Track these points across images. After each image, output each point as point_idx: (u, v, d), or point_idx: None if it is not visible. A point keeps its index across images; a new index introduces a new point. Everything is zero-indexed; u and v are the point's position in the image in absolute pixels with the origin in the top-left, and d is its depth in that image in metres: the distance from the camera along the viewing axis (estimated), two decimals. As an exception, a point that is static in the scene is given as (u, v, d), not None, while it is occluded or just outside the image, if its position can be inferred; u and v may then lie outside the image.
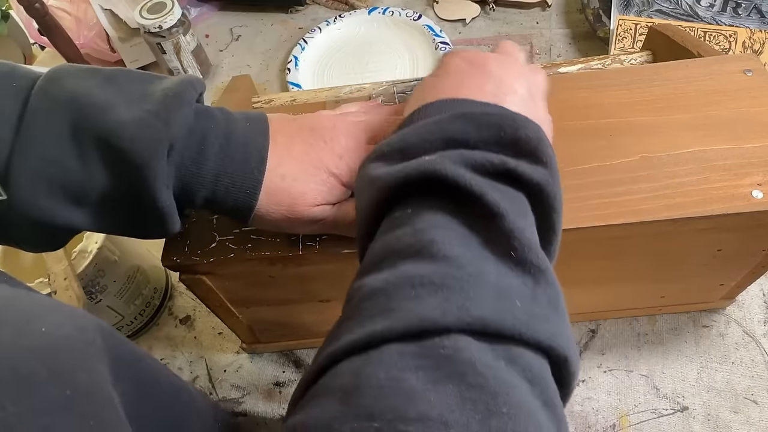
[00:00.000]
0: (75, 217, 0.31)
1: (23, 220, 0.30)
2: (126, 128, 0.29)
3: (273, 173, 0.34)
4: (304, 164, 0.34)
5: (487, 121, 0.28)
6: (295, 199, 0.34)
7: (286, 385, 0.56)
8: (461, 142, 0.28)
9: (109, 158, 0.30)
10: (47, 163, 0.29)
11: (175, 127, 0.30)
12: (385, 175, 0.27)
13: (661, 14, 0.74)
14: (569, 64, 0.51)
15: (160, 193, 0.31)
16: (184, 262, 0.40)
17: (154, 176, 0.30)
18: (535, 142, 0.27)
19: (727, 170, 0.39)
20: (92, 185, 0.30)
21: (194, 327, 0.61)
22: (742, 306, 0.55)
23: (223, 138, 0.33)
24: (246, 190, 0.33)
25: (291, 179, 0.34)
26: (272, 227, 0.36)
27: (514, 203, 0.26)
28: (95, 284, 0.52)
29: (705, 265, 0.46)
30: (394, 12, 0.85)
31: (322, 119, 0.37)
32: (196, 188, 0.32)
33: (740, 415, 0.50)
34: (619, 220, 0.38)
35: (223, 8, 0.94)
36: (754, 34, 0.70)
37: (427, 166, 0.26)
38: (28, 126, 0.29)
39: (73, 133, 0.30)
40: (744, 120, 0.41)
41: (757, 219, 0.38)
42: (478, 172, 0.26)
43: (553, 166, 0.28)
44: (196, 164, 0.32)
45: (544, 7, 0.85)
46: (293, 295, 0.47)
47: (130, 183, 0.30)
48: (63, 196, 0.30)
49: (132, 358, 0.30)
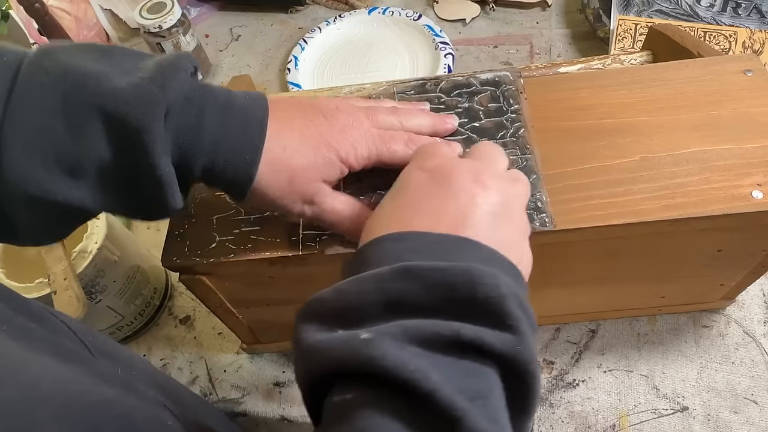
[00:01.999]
0: (73, 192, 0.30)
1: (21, 199, 0.29)
2: (122, 93, 0.29)
3: (273, 144, 0.33)
4: (304, 137, 0.34)
5: (435, 279, 0.24)
6: (294, 171, 0.33)
7: (286, 385, 0.56)
8: (407, 306, 0.24)
9: (105, 125, 0.29)
10: (40, 133, 0.28)
11: (171, 91, 0.30)
12: (319, 350, 0.24)
13: (661, 14, 0.74)
14: (569, 64, 0.51)
15: (158, 160, 0.30)
16: (184, 262, 0.40)
17: (152, 141, 0.29)
18: (497, 302, 0.24)
19: (727, 170, 0.39)
20: (88, 156, 0.29)
21: (194, 327, 0.61)
22: (742, 306, 0.55)
23: (222, 108, 0.32)
24: (245, 158, 0.32)
25: (292, 151, 0.33)
26: (269, 206, 0.35)
27: (475, 387, 0.22)
28: (95, 284, 0.52)
29: (705, 266, 0.46)
30: (394, 12, 0.85)
31: (324, 99, 0.37)
32: (194, 156, 0.31)
33: (740, 415, 0.50)
34: (619, 220, 0.38)
35: (223, 8, 0.94)
36: (754, 34, 0.70)
37: (363, 354, 0.22)
38: (19, 97, 0.28)
39: (67, 102, 0.29)
40: (744, 120, 0.41)
41: (757, 219, 0.38)
42: (427, 348, 0.22)
43: (522, 328, 0.24)
44: (194, 131, 0.31)
45: (544, 7, 0.85)
46: (293, 295, 0.47)
47: (127, 150, 0.30)
48: (59, 169, 0.29)
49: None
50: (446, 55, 0.77)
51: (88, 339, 0.31)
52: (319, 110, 0.35)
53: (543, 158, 0.41)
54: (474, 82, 0.46)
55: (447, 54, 0.78)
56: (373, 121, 0.37)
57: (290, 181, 0.34)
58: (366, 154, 0.36)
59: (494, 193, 0.30)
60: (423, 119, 0.41)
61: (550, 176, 0.40)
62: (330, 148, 0.34)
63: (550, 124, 0.43)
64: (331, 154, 0.34)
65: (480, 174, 0.30)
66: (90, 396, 0.24)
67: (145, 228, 0.69)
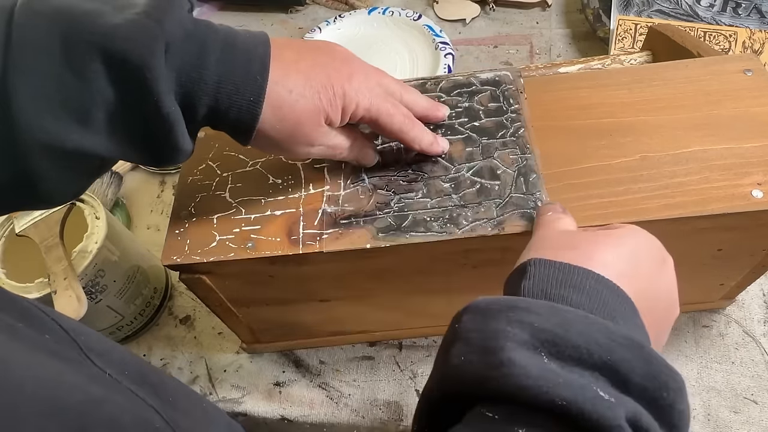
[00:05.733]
0: (84, 139, 0.30)
1: (34, 150, 0.29)
2: (119, 30, 0.29)
3: (279, 86, 0.33)
4: (310, 80, 0.34)
5: (655, 371, 0.24)
6: (300, 117, 0.33)
7: (286, 385, 0.56)
8: (618, 378, 0.23)
9: (105, 65, 0.29)
10: (45, 80, 0.28)
11: (168, 25, 0.30)
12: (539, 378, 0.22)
13: (661, 14, 0.74)
14: (569, 64, 0.51)
15: (163, 97, 0.30)
16: (184, 261, 0.40)
17: (155, 79, 0.29)
18: (688, 420, 0.24)
19: (727, 170, 0.39)
20: (94, 99, 0.29)
21: (194, 327, 0.61)
22: (742, 306, 0.55)
23: (224, 45, 0.32)
24: (249, 98, 0.32)
25: (297, 95, 0.33)
26: (273, 148, 0.35)
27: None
28: (95, 284, 0.52)
29: (705, 265, 0.46)
30: (394, 12, 0.85)
31: (337, 45, 0.37)
32: (198, 96, 0.31)
33: (740, 415, 0.50)
34: (619, 219, 0.38)
35: (223, 8, 0.94)
36: (754, 34, 0.70)
37: (605, 415, 0.21)
38: (18, 43, 0.28)
39: (66, 44, 0.28)
40: (744, 120, 0.41)
41: (757, 219, 0.38)
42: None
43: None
44: (196, 70, 0.31)
45: (544, 7, 0.85)
46: (293, 294, 0.47)
47: (130, 90, 0.29)
48: (67, 115, 0.29)
49: None
50: (446, 55, 0.77)
51: (81, 338, 0.31)
52: (328, 53, 0.35)
53: (543, 158, 0.41)
54: (474, 82, 0.46)
55: (447, 54, 0.78)
56: (379, 79, 0.37)
57: (296, 127, 0.33)
58: (367, 106, 0.36)
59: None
60: (420, 97, 0.41)
61: (550, 175, 0.40)
62: (336, 92, 0.34)
63: (550, 124, 0.43)
64: (336, 98, 0.34)
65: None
66: (76, 395, 0.24)
67: (145, 228, 0.69)
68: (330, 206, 0.41)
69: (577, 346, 0.24)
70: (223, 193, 0.43)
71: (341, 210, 0.41)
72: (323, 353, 0.57)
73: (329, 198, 0.42)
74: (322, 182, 0.43)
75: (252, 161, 0.45)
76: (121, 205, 0.69)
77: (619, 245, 0.30)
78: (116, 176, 0.68)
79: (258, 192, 0.43)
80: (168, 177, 0.72)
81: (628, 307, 0.28)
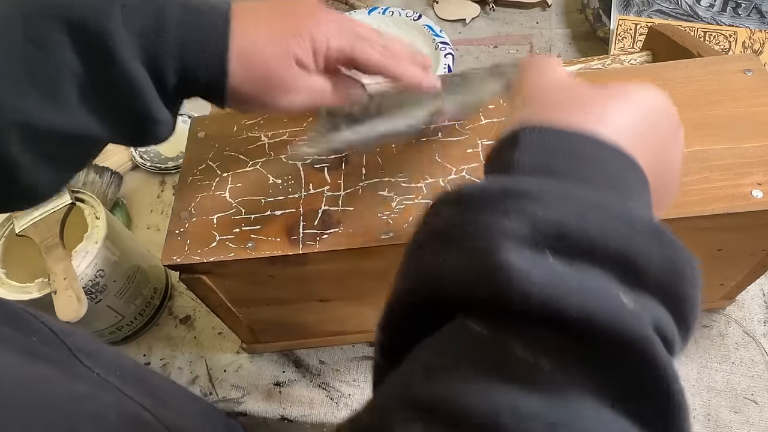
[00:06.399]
0: (56, 116, 0.30)
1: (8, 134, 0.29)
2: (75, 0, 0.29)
3: (244, 39, 0.32)
4: (274, 30, 0.33)
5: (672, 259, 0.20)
6: (268, 61, 0.33)
7: (286, 385, 0.56)
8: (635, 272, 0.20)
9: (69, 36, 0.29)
10: (8, 58, 0.28)
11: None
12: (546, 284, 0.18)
13: (661, 14, 0.74)
14: (569, 64, 0.51)
15: (128, 63, 0.29)
16: (184, 261, 0.40)
17: (117, 44, 0.29)
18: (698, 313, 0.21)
19: (727, 169, 0.39)
20: (60, 70, 0.29)
21: (194, 327, 0.61)
22: (742, 306, 0.55)
23: (184, 5, 0.32)
24: (214, 52, 0.32)
25: (263, 44, 0.33)
26: (254, 105, 0.35)
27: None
28: (95, 284, 0.52)
29: (705, 265, 0.45)
30: (394, 12, 0.85)
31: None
32: (163, 58, 0.31)
33: (740, 415, 0.50)
34: (619, 219, 0.38)
35: (223, 8, 0.94)
36: (754, 34, 0.70)
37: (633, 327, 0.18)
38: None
39: (27, 19, 0.29)
40: (744, 120, 0.41)
41: (757, 218, 0.38)
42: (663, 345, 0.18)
43: None
44: (156, 32, 0.31)
45: (544, 7, 0.85)
46: (293, 294, 0.47)
47: (95, 59, 0.29)
48: (35, 89, 0.29)
49: None
50: (446, 55, 0.77)
51: (69, 339, 0.31)
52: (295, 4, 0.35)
53: (543, 158, 0.41)
54: (474, 82, 0.46)
55: (447, 54, 0.77)
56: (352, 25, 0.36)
57: (267, 74, 0.33)
58: (339, 45, 0.35)
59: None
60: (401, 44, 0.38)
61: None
62: (303, 35, 0.33)
63: (550, 124, 0.43)
64: (304, 40, 0.33)
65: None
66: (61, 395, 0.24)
67: (145, 228, 0.69)
68: (330, 206, 0.41)
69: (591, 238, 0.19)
70: (223, 193, 0.43)
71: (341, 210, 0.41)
72: (323, 353, 0.57)
73: (329, 198, 0.42)
74: (322, 182, 0.43)
75: (252, 161, 0.45)
76: (121, 205, 0.69)
77: (634, 105, 0.24)
78: (116, 176, 0.68)
79: (258, 192, 0.43)
80: (168, 177, 0.72)
81: (642, 183, 0.23)
